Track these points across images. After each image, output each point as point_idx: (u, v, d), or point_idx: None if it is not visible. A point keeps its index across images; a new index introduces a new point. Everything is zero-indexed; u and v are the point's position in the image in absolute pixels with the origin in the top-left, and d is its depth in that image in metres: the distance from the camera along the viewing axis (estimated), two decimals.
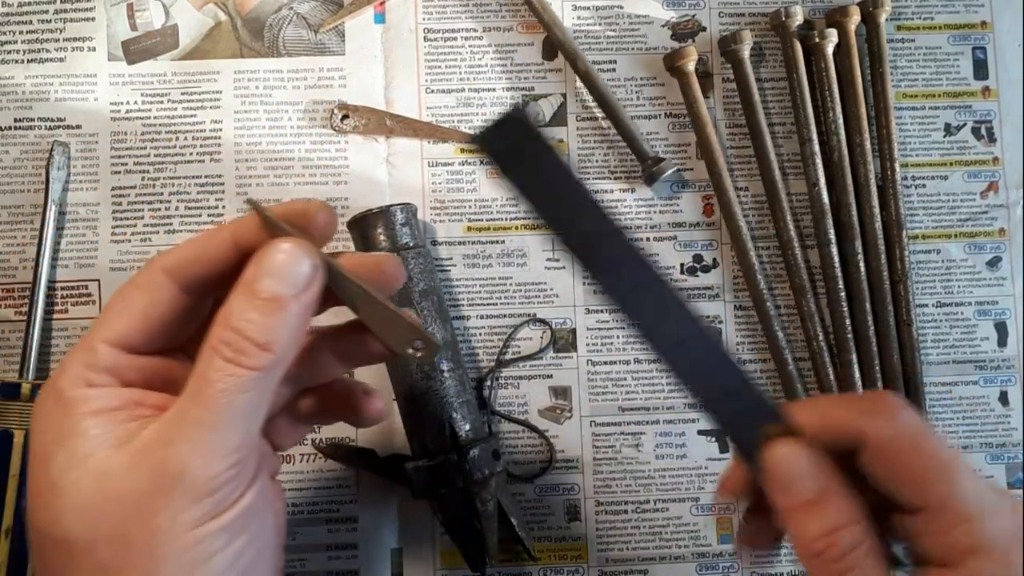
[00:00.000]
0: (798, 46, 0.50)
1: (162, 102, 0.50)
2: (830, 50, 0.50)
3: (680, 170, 0.51)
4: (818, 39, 0.50)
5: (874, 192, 0.50)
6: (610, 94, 0.50)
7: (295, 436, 0.35)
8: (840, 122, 0.50)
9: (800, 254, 0.50)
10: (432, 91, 0.51)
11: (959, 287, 0.52)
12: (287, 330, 0.28)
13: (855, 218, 0.50)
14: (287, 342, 0.28)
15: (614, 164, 0.51)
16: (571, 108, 0.51)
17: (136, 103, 0.50)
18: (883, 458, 0.28)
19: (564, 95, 0.51)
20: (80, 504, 0.27)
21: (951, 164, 0.52)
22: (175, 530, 0.26)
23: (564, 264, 0.50)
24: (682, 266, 0.51)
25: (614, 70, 0.52)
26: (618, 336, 0.50)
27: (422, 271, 0.46)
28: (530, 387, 0.50)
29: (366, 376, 0.48)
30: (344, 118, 0.50)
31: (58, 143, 0.48)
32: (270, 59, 0.50)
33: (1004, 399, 0.51)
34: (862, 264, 0.50)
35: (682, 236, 0.51)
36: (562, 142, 0.51)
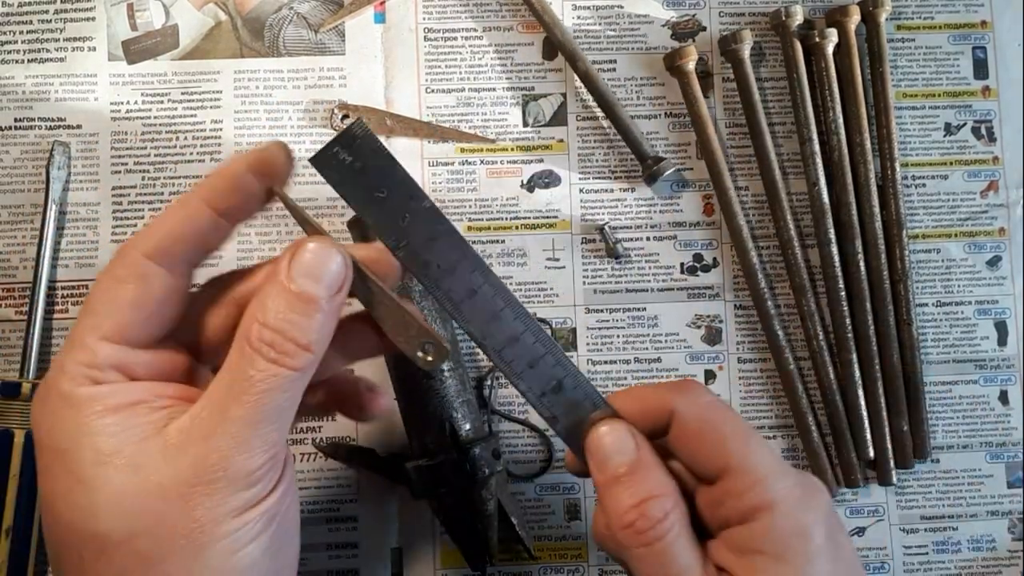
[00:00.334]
0: (798, 46, 0.50)
1: (162, 102, 0.50)
2: (830, 50, 0.50)
3: (680, 170, 0.51)
4: (818, 39, 0.50)
5: (874, 191, 0.50)
6: (610, 94, 0.50)
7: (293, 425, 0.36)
8: (840, 122, 0.50)
9: (800, 253, 0.50)
10: (432, 91, 0.51)
11: (959, 286, 0.52)
12: (324, 330, 0.29)
13: (855, 217, 0.50)
14: (324, 342, 0.30)
15: (614, 164, 0.51)
16: (571, 108, 0.51)
17: (136, 103, 0.50)
18: (689, 428, 0.31)
19: (564, 95, 0.51)
20: (114, 498, 0.27)
21: (951, 164, 0.52)
22: (217, 519, 0.27)
23: (564, 264, 0.50)
24: (682, 265, 0.51)
25: (614, 70, 0.52)
26: (618, 336, 0.50)
27: None
28: None
29: (368, 374, 0.48)
30: (344, 118, 0.50)
31: (58, 143, 0.48)
32: (270, 59, 0.50)
33: (1004, 398, 0.51)
34: (862, 263, 0.50)
35: (682, 236, 0.51)
36: (562, 142, 0.51)
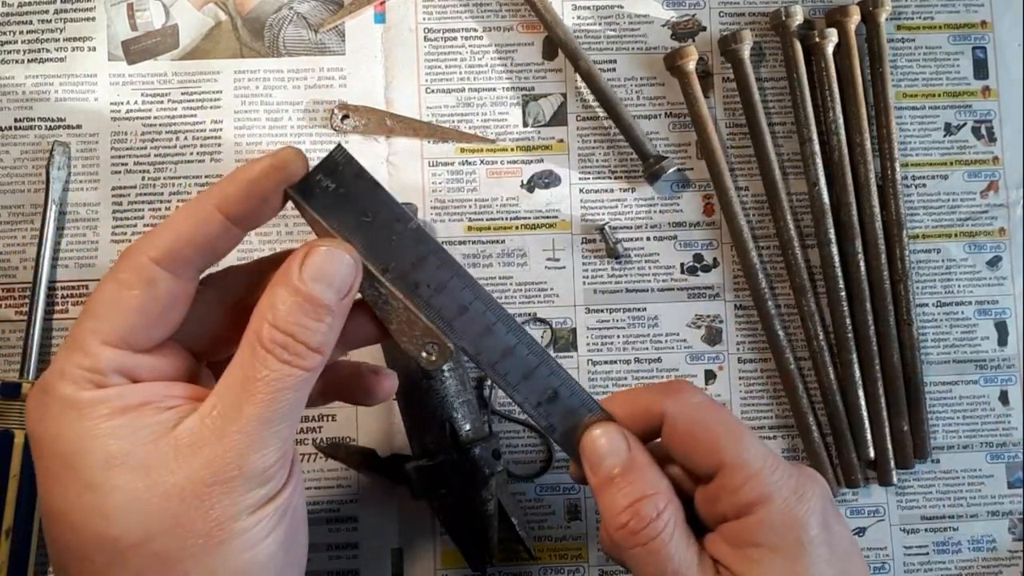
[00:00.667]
0: (798, 46, 0.50)
1: (162, 102, 0.50)
2: (830, 50, 0.50)
3: (681, 169, 0.51)
4: (818, 39, 0.50)
5: (874, 192, 0.50)
6: (612, 93, 0.50)
7: (316, 402, 0.36)
8: (840, 122, 0.50)
9: (800, 253, 0.50)
10: (432, 91, 0.51)
11: (959, 286, 0.52)
12: (333, 332, 0.30)
13: (855, 217, 0.50)
14: (333, 342, 0.30)
15: (614, 164, 0.51)
16: (571, 108, 0.51)
17: (136, 103, 0.50)
18: (680, 429, 0.32)
19: (564, 95, 0.51)
20: (127, 501, 0.27)
21: (951, 164, 0.52)
22: (234, 516, 0.28)
23: (564, 264, 0.50)
24: (682, 266, 0.51)
25: (614, 70, 0.52)
26: (618, 336, 0.50)
27: None
28: None
29: None
30: (344, 118, 0.50)
31: (58, 143, 0.48)
32: (270, 59, 0.50)
33: (1004, 398, 0.51)
34: (862, 263, 0.50)
35: (682, 236, 0.51)
36: (562, 142, 0.51)
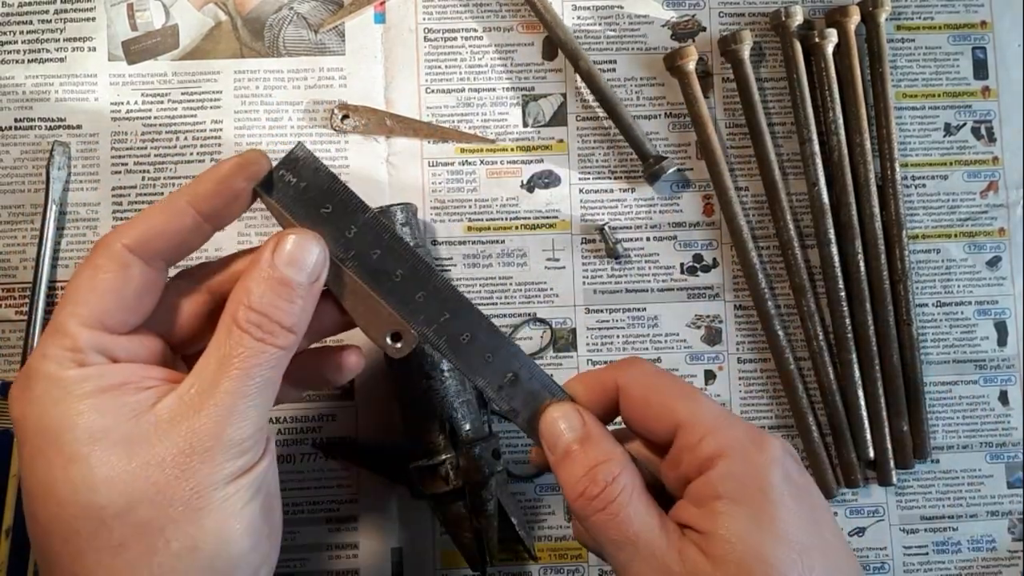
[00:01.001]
0: (798, 46, 0.50)
1: (162, 102, 0.50)
2: (830, 50, 0.50)
3: (680, 170, 0.51)
4: (818, 39, 0.50)
5: (874, 192, 0.50)
6: (612, 93, 0.50)
7: (290, 394, 0.38)
8: (840, 122, 0.50)
9: (800, 254, 0.50)
10: (432, 91, 0.51)
11: (959, 287, 0.52)
12: (305, 314, 0.32)
13: (855, 218, 0.50)
14: (303, 324, 0.32)
15: (614, 164, 0.51)
16: (571, 108, 0.51)
17: (136, 103, 0.50)
18: (635, 396, 0.33)
19: (564, 95, 0.51)
20: (111, 472, 0.28)
21: (951, 164, 0.52)
22: (214, 485, 0.29)
23: (564, 264, 0.51)
24: (682, 266, 0.51)
25: (614, 70, 0.52)
26: (618, 336, 0.50)
27: None
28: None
29: (365, 381, 0.49)
30: (344, 118, 0.50)
31: (58, 143, 0.48)
32: (270, 59, 0.50)
33: (1004, 398, 0.51)
34: (862, 264, 0.50)
35: (682, 236, 0.51)
36: (562, 142, 0.51)
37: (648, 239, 0.51)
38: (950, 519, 0.50)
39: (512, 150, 0.51)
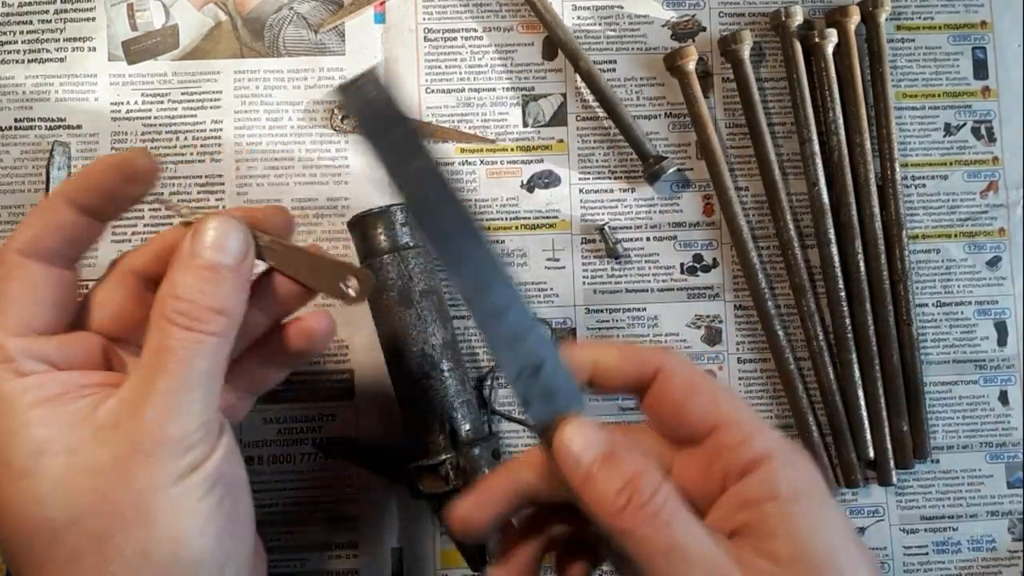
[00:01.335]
0: (798, 46, 0.50)
1: (162, 102, 0.50)
2: (830, 50, 0.50)
3: (680, 170, 0.51)
4: (818, 39, 0.50)
5: (874, 192, 0.50)
6: (612, 93, 0.50)
7: (242, 409, 0.37)
8: (840, 122, 0.50)
9: (800, 254, 0.50)
10: (432, 91, 0.51)
11: (959, 287, 0.52)
12: (233, 296, 0.31)
13: (855, 218, 0.50)
14: (235, 307, 0.31)
15: (614, 164, 0.51)
16: (571, 108, 0.51)
17: (136, 103, 0.50)
18: (677, 383, 0.31)
19: (564, 95, 0.51)
20: (55, 484, 0.28)
21: (951, 164, 0.52)
22: (158, 487, 0.28)
23: (564, 264, 0.50)
24: (682, 266, 0.51)
25: (614, 70, 0.52)
26: (618, 336, 0.50)
27: (422, 271, 0.46)
28: None
29: (365, 376, 0.49)
30: (344, 118, 0.50)
31: (58, 143, 0.48)
32: (270, 59, 0.50)
33: (1004, 398, 0.51)
34: (862, 264, 0.50)
35: (682, 236, 0.51)
36: (562, 142, 0.51)
37: (648, 239, 0.51)
38: (950, 519, 0.50)
39: (512, 150, 0.51)
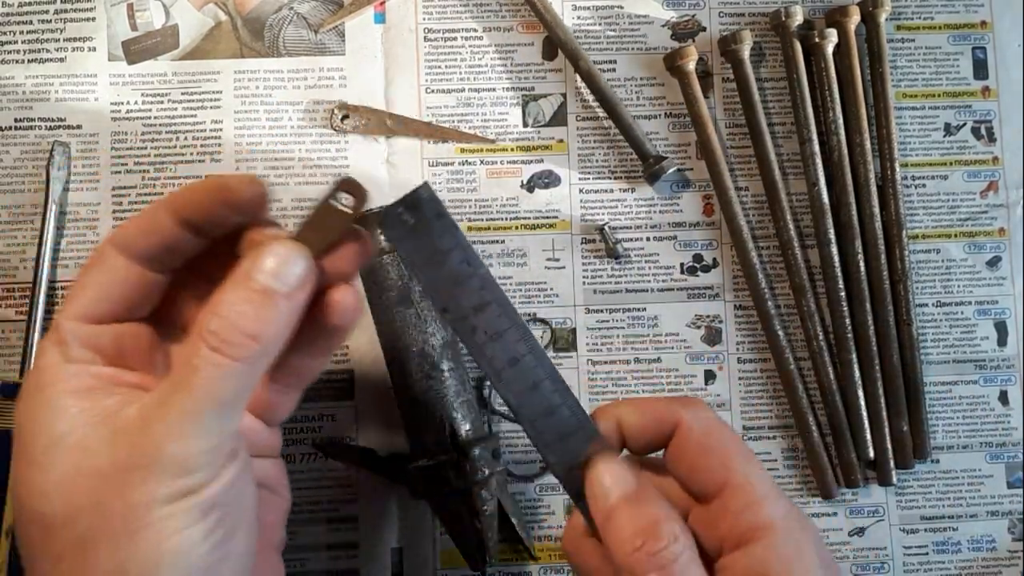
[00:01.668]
0: (798, 46, 0.50)
1: (162, 102, 0.50)
2: (830, 50, 0.50)
3: (680, 170, 0.51)
4: (818, 39, 0.50)
5: (874, 192, 0.50)
6: (612, 93, 0.50)
7: (288, 402, 0.36)
8: (840, 122, 0.50)
9: (800, 254, 0.50)
10: (432, 91, 0.51)
11: (959, 287, 0.52)
12: (275, 325, 0.29)
13: (855, 218, 0.50)
14: (274, 336, 0.29)
15: (614, 164, 0.51)
16: (571, 108, 0.51)
17: (136, 103, 0.50)
18: (694, 439, 0.31)
19: (564, 95, 0.51)
20: (60, 479, 0.28)
21: (951, 164, 0.52)
22: (151, 504, 0.27)
23: (564, 264, 0.50)
24: (682, 266, 0.51)
25: (614, 70, 0.52)
26: (618, 336, 0.50)
27: None
28: None
29: (365, 381, 0.49)
30: (344, 118, 0.50)
31: (58, 143, 0.48)
32: (270, 59, 0.50)
33: (1004, 399, 0.51)
34: (862, 264, 0.50)
35: (682, 236, 0.51)
36: (562, 142, 0.51)
37: (648, 239, 0.51)
38: (950, 519, 0.50)
39: (512, 150, 0.51)
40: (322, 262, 0.31)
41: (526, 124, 0.51)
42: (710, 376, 0.50)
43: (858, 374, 0.49)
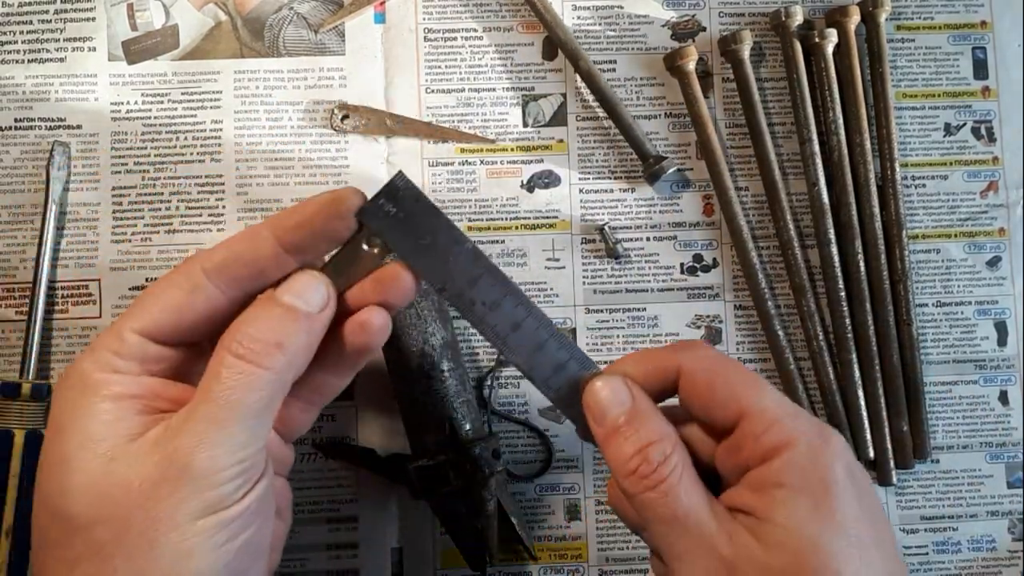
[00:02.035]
0: (798, 46, 0.50)
1: (162, 102, 0.50)
2: (830, 50, 0.50)
3: (680, 170, 0.51)
4: (818, 39, 0.50)
5: (874, 192, 0.50)
6: (612, 93, 0.50)
7: (307, 420, 0.36)
8: (840, 122, 0.50)
9: (800, 254, 0.50)
10: (432, 91, 0.51)
11: (959, 287, 0.52)
12: (299, 338, 0.30)
13: (855, 218, 0.50)
14: (297, 348, 0.30)
15: (614, 164, 0.51)
16: (571, 108, 0.51)
17: (136, 103, 0.50)
18: (699, 380, 0.32)
19: (564, 95, 0.51)
20: (86, 484, 0.28)
21: (951, 164, 0.52)
22: (175, 519, 0.27)
23: (564, 264, 0.51)
24: (682, 266, 0.51)
25: (614, 70, 0.52)
26: (618, 336, 0.50)
27: None
28: (530, 387, 0.49)
29: (365, 381, 0.49)
30: (344, 118, 0.50)
31: (58, 143, 0.48)
32: (270, 59, 0.50)
33: (1004, 398, 0.51)
34: (862, 264, 0.50)
35: (682, 236, 0.51)
36: (562, 142, 0.51)
37: (648, 239, 0.51)
38: (950, 519, 0.50)
39: (512, 150, 0.51)
40: (348, 297, 0.33)
41: (526, 124, 0.51)
42: None
43: (858, 374, 0.49)
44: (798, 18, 0.50)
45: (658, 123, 0.51)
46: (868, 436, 0.49)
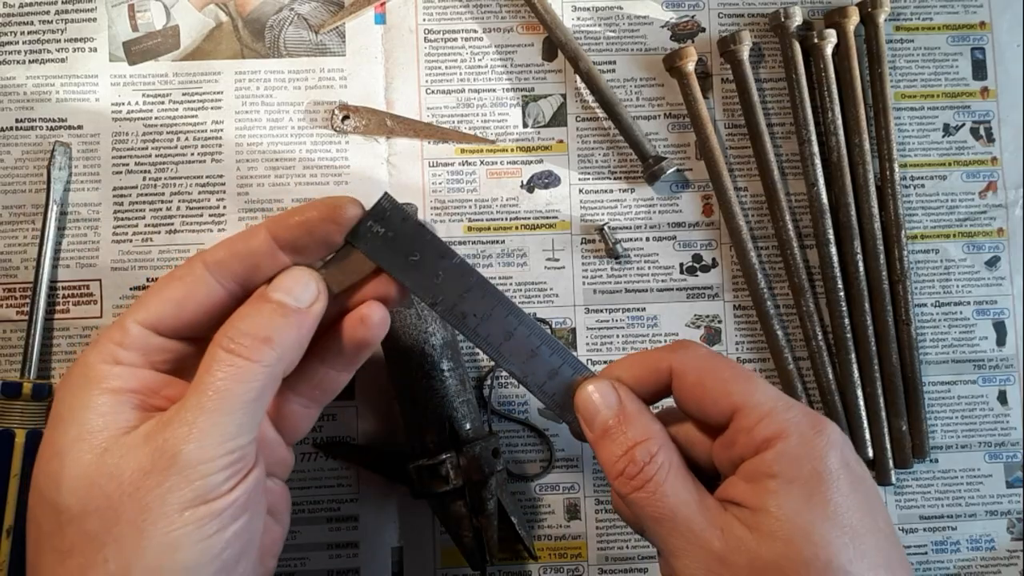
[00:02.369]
0: (797, 47, 0.51)
1: (163, 103, 0.50)
2: (829, 51, 0.51)
3: (680, 170, 0.51)
4: (817, 40, 0.50)
5: (873, 192, 0.50)
6: (611, 94, 0.50)
7: (308, 420, 0.37)
8: (839, 122, 0.50)
9: (799, 254, 0.50)
10: (432, 92, 0.51)
11: (958, 287, 0.52)
12: (288, 333, 0.31)
13: (854, 218, 0.50)
14: (288, 344, 0.31)
15: (614, 164, 0.51)
16: (571, 109, 0.51)
17: (137, 104, 0.50)
18: (690, 380, 0.32)
19: (564, 96, 0.52)
20: (79, 476, 0.28)
21: (950, 164, 0.52)
22: (164, 509, 0.27)
23: (564, 264, 0.51)
24: (682, 266, 0.51)
25: (614, 71, 0.52)
26: (618, 336, 0.51)
27: None
28: None
29: (365, 381, 0.49)
30: (345, 119, 0.50)
31: (59, 143, 0.48)
32: (271, 60, 0.50)
33: (1003, 398, 0.51)
34: (861, 264, 0.50)
35: (682, 236, 0.51)
36: (562, 142, 0.51)
37: (648, 239, 0.51)
38: (949, 519, 0.50)
39: (512, 150, 0.51)
40: (345, 297, 0.34)
41: (526, 125, 0.51)
42: None
43: (857, 374, 0.49)
44: (797, 19, 0.50)
45: (658, 123, 0.52)
46: (867, 436, 0.49)
